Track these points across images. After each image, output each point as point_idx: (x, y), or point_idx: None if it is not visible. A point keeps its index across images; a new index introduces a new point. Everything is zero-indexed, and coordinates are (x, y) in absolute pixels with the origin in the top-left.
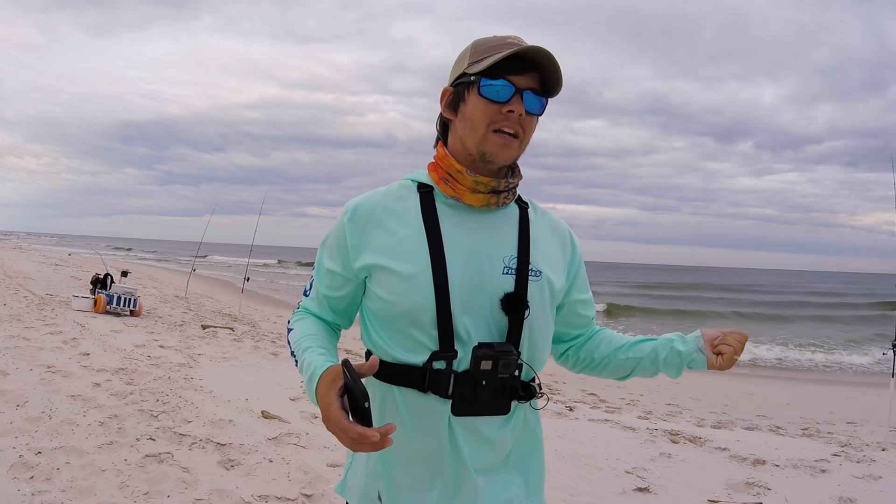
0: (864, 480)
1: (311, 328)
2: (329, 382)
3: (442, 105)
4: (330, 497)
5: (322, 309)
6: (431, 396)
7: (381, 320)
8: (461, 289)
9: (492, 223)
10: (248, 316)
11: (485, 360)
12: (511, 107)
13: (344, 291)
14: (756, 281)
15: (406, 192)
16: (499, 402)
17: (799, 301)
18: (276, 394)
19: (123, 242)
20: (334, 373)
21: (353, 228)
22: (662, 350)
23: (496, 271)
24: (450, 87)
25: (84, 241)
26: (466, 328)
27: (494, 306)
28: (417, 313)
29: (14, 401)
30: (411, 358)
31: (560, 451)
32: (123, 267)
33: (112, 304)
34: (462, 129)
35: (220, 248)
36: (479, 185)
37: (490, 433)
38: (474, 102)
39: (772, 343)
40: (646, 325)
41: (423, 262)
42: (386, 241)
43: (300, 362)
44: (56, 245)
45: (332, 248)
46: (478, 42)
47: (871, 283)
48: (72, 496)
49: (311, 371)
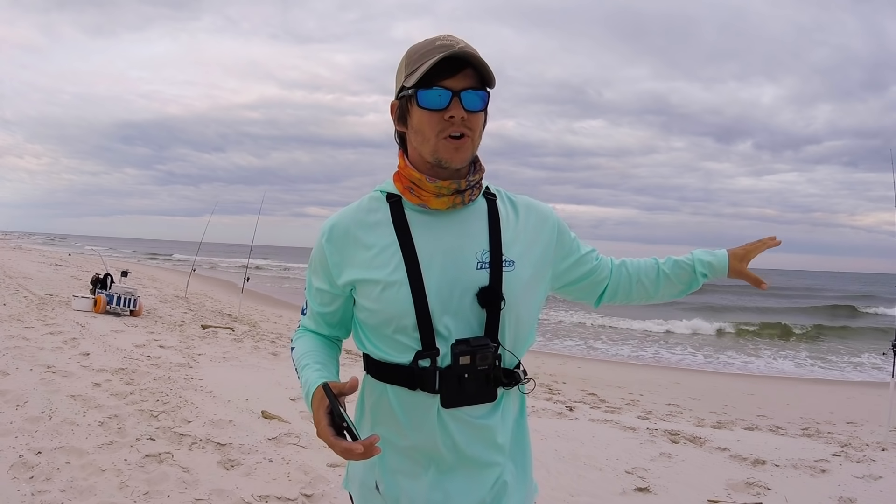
0: (864, 480)
1: (308, 345)
2: (318, 401)
3: (393, 119)
4: (330, 497)
5: (318, 325)
6: (420, 392)
7: (369, 327)
8: (438, 290)
9: (461, 222)
10: (248, 316)
11: (462, 355)
12: (451, 112)
13: (334, 307)
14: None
15: (376, 205)
16: (485, 391)
17: (799, 300)
18: (276, 394)
19: (124, 243)
20: (321, 392)
21: (332, 248)
22: (687, 260)
23: (470, 268)
24: (395, 101)
25: (81, 241)
26: (447, 326)
27: (472, 301)
28: (400, 319)
29: (14, 401)
30: (399, 358)
31: (560, 451)
32: (123, 267)
33: (112, 304)
34: (415, 140)
35: (221, 249)
36: (442, 189)
37: (480, 420)
38: (418, 115)
39: (772, 343)
40: (646, 324)
41: (399, 271)
42: (363, 255)
43: (300, 378)
44: (42, 244)
45: (317, 268)
46: (410, 51)
47: (872, 283)
48: (72, 496)
49: (306, 389)
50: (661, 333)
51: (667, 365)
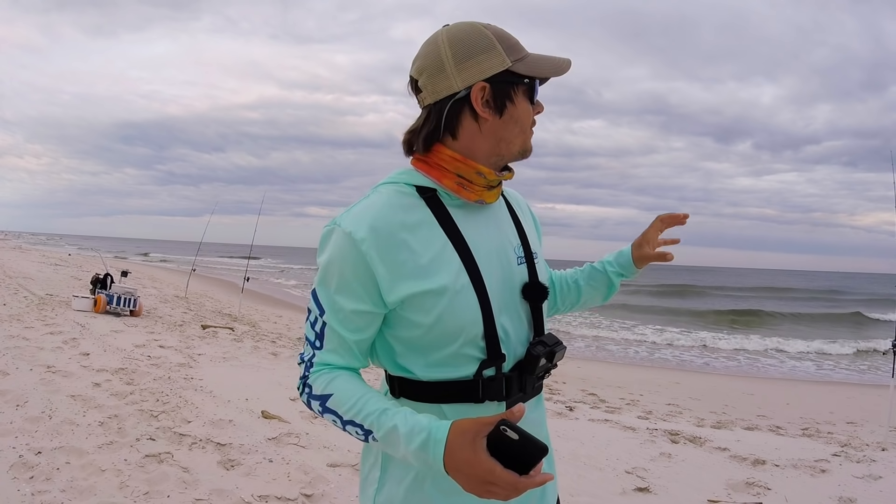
0: (864, 480)
1: (359, 386)
2: (470, 444)
3: (476, 103)
4: (330, 497)
5: (351, 357)
6: (488, 404)
7: (419, 348)
8: (496, 291)
9: (494, 216)
10: (248, 316)
11: (543, 357)
12: (540, 106)
13: (372, 330)
14: (756, 281)
15: (410, 201)
16: (537, 386)
17: (799, 301)
18: (276, 394)
19: (122, 244)
20: (467, 433)
21: (377, 257)
22: (599, 266)
23: (514, 263)
24: (484, 84)
25: (76, 241)
26: (504, 328)
27: (520, 298)
28: (469, 329)
29: (14, 401)
30: (458, 373)
31: (560, 451)
32: (123, 267)
33: (112, 304)
34: (506, 131)
35: (220, 249)
36: (493, 181)
37: (531, 414)
38: (524, 105)
39: (772, 344)
40: (646, 326)
41: (461, 277)
42: (417, 261)
43: (382, 428)
44: (38, 245)
45: (352, 284)
46: (497, 32)
47: (872, 283)
48: (72, 496)
49: (422, 436)
50: (661, 335)
51: (667, 365)
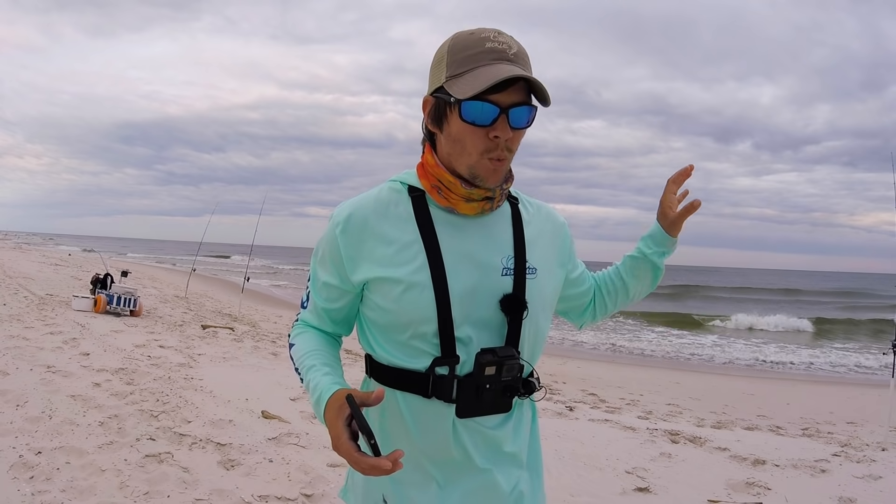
0: (864, 480)
1: (312, 343)
2: (336, 411)
3: (425, 115)
4: (330, 497)
5: (321, 321)
6: (435, 401)
7: (379, 328)
8: (461, 296)
9: (487, 225)
10: (248, 316)
11: (489, 366)
12: (497, 132)
13: (341, 303)
14: (756, 281)
15: (398, 197)
16: (501, 402)
17: (799, 300)
18: (276, 394)
19: (121, 243)
20: (340, 400)
21: (347, 240)
22: (636, 252)
23: (495, 273)
24: (430, 98)
25: (76, 241)
26: (468, 333)
27: (495, 308)
28: (419, 325)
29: (14, 401)
30: (413, 364)
31: (560, 451)
32: (124, 267)
33: (112, 304)
34: (449, 149)
35: (220, 249)
36: (473, 194)
37: (494, 431)
38: (458, 126)
39: (771, 343)
40: (645, 325)
41: (422, 272)
42: (383, 251)
43: (305, 380)
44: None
45: (326, 260)
46: (455, 45)
47: (871, 283)
48: (72, 496)
49: (317, 394)
50: (661, 333)
51: (667, 365)
